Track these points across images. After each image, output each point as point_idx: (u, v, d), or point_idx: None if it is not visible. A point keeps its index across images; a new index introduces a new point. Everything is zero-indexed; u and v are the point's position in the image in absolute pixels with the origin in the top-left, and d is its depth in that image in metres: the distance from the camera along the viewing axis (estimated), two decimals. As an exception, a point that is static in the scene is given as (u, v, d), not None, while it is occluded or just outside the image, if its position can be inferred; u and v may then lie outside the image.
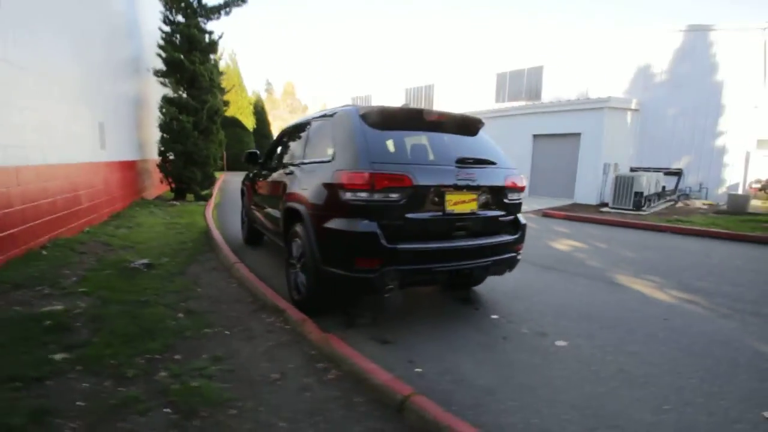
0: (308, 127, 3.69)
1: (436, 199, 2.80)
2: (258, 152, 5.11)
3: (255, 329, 2.87)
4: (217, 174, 12.47)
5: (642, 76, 14.04)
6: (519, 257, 3.34)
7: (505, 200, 3.18)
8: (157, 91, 9.67)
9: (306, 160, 3.45)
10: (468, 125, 3.28)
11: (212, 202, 9.76)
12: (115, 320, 2.85)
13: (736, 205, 9.79)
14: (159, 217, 7.54)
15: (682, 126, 13.35)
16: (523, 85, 16.90)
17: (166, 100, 8.79)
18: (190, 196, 9.77)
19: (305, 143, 3.62)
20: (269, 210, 4.34)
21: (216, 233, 6.03)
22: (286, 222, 3.54)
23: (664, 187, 12.59)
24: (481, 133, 3.40)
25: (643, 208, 10.47)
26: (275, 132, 24.32)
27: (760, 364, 2.72)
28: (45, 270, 3.91)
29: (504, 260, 3.17)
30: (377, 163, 2.63)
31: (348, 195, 2.63)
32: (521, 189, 3.29)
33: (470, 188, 2.92)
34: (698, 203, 12.24)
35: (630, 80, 14.25)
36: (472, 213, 2.95)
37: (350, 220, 2.63)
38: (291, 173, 3.58)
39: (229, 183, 15.06)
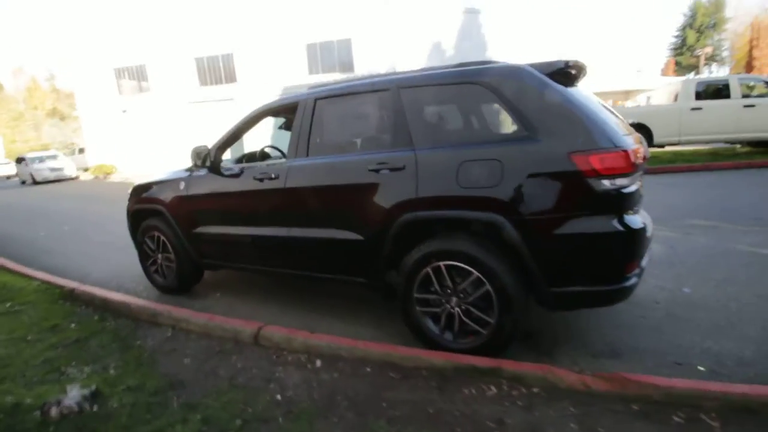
0: (396, 97, 2.46)
1: None
2: (209, 147, 3.20)
3: (509, 420, 1.84)
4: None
5: (436, 50, 16.17)
6: None
7: None
8: None
9: (437, 149, 2.31)
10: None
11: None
12: None
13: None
14: None
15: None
16: (335, 57, 16.76)
17: None
18: None
19: (404, 122, 2.43)
20: (300, 232, 2.84)
21: (106, 292, 3.62)
22: (402, 243, 2.40)
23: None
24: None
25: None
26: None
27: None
28: None
29: None
30: (624, 136, 2.04)
31: (605, 183, 1.96)
32: None
33: None
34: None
35: (427, 54, 16.20)
36: None
37: (612, 217, 1.99)
38: (399, 169, 2.37)
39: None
